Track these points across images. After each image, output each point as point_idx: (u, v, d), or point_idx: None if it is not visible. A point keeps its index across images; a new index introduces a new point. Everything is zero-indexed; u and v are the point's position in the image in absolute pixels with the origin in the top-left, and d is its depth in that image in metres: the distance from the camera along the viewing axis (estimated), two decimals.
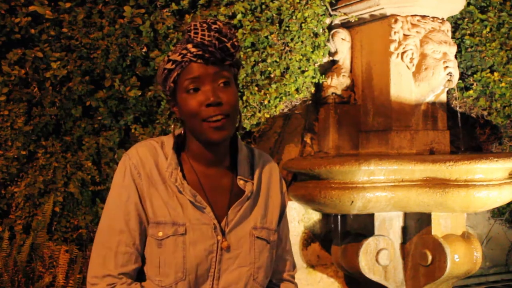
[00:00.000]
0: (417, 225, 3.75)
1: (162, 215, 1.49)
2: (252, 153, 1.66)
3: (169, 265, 1.47)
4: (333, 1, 4.00)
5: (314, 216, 4.09)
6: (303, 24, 3.70)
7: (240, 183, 1.57)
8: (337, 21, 4.08)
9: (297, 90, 3.76)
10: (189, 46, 1.46)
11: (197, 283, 1.48)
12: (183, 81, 1.48)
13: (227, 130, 1.48)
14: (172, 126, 1.61)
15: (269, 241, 1.58)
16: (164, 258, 1.48)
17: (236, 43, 1.48)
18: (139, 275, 1.54)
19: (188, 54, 1.46)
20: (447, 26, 3.95)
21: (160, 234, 1.48)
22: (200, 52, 1.44)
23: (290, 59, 3.66)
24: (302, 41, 3.71)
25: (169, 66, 1.50)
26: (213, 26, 1.45)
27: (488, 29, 4.30)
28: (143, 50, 3.31)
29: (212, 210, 1.51)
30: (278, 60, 3.62)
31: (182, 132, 1.59)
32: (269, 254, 1.58)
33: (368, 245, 3.66)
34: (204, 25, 1.45)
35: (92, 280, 1.49)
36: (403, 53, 3.81)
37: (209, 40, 1.44)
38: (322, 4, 3.82)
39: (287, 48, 3.68)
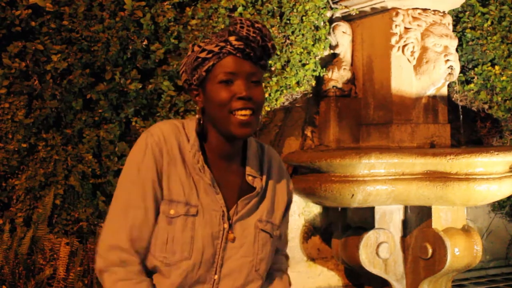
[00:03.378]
0: (417, 218, 3.76)
1: (176, 193, 1.52)
2: (262, 148, 1.68)
3: (176, 243, 1.49)
4: None
5: (315, 209, 4.10)
6: (304, 17, 3.69)
7: (249, 179, 1.59)
8: (338, 14, 4.07)
9: (297, 83, 3.76)
10: (232, 38, 1.49)
11: (202, 268, 1.51)
12: (217, 72, 1.50)
13: (252, 127, 1.50)
14: (197, 113, 1.61)
15: (272, 235, 1.61)
16: (172, 235, 1.50)
17: (275, 45, 1.53)
18: None
19: (228, 46, 1.49)
20: (448, 19, 3.94)
21: (172, 212, 1.50)
22: (242, 46, 1.48)
23: (291, 52, 3.65)
24: (303, 34, 3.70)
25: (203, 55, 1.51)
26: (256, 25, 1.49)
27: (489, 23, 4.29)
28: (144, 43, 3.31)
29: (223, 198, 1.54)
30: (278, 53, 3.62)
31: (201, 121, 1.60)
32: (271, 248, 1.61)
33: (369, 238, 3.67)
34: (248, 22, 1.49)
35: (103, 249, 1.49)
36: (404, 46, 3.80)
37: (254, 36, 1.48)
38: None
39: (288, 41, 3.67)
